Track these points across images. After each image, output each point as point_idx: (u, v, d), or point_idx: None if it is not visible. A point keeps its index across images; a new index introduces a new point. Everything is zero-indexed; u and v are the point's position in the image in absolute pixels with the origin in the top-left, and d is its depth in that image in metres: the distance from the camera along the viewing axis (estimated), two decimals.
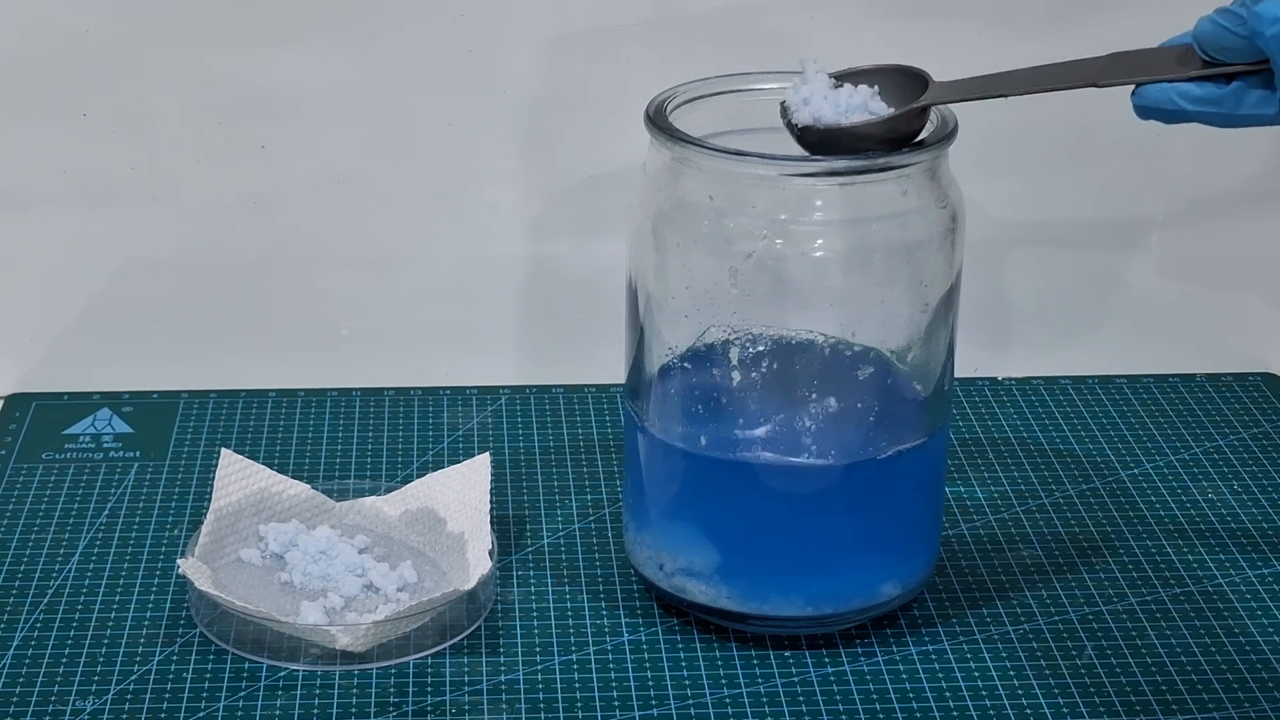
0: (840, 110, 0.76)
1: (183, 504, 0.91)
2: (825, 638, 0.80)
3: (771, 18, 0.98)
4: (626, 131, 0.83)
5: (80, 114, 0.97)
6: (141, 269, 1.01)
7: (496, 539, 0.83)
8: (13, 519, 0.89)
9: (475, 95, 0.98)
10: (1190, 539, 0.89)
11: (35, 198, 0.99)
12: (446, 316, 1.03)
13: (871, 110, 0.76)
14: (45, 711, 0.75)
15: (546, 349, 1.04)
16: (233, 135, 0.98)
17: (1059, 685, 0.78)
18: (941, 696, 0.77)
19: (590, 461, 0.95)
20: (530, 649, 0.79)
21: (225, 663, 0.78)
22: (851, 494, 0.78)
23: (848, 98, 0.76)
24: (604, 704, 0.76)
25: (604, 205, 0.99)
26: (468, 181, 1.00)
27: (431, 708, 0.76)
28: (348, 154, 0.99)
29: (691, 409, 0.79)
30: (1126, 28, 0.86)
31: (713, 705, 0.76)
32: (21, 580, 0.84)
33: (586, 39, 0.98)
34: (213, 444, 0.95)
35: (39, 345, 1.02)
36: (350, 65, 0.97)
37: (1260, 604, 0.83)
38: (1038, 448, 0.96)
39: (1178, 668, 0.79)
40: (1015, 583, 0.85)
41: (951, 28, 0.99)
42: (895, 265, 0.77)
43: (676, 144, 0.76)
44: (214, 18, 0.96)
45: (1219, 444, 0.97)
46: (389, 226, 1.01)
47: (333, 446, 0.96)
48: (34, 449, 0.95)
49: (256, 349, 1.03)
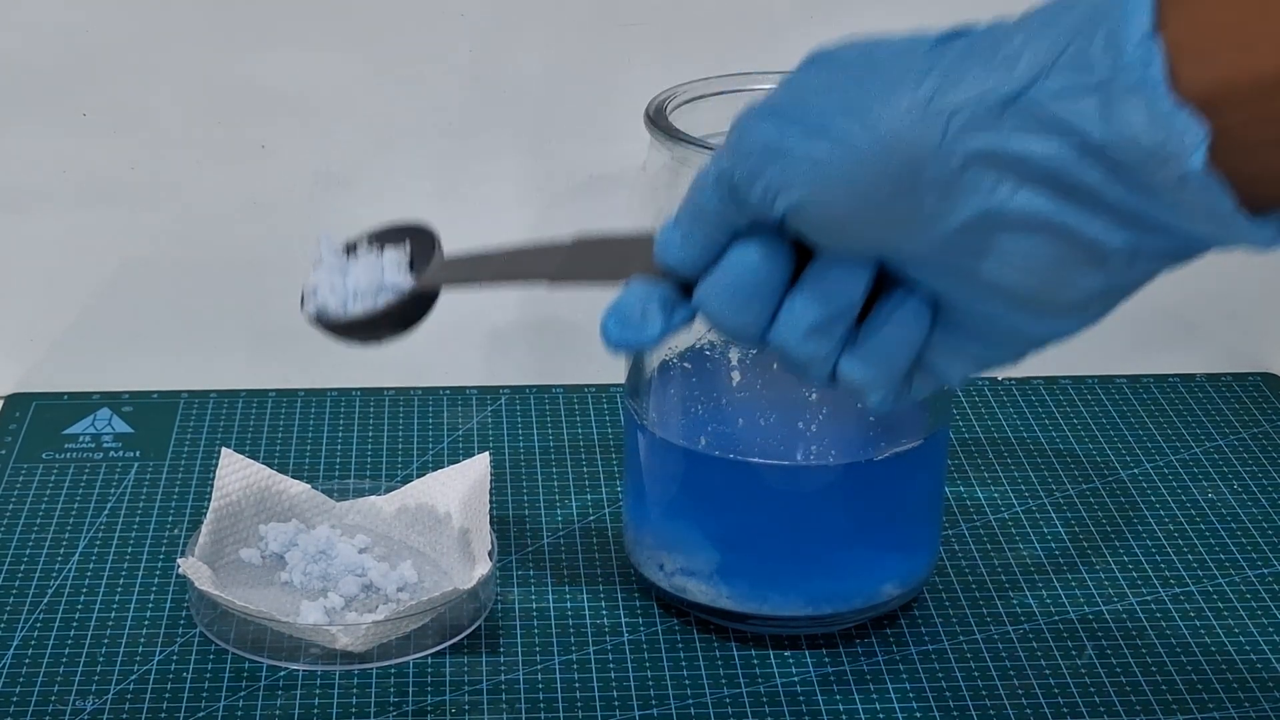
0: (343, 299, 0.71)
1: (183, 504, 0.91)
2: (825, 638, 0.80)
3: (771, 17, 0.98)
4: (626, 131, 0.83)
5: (80, 114, 0.97)
6: (141, 269, 1.01)
7: (496, 539, 0.83)
8: (13, 519, 0.89)
9: (475, 95, 0.98)
10: (1190, 539, 0.89)
11: (35, 198, 0.99)
12: (446, 316, 1.03)
13: (388, 284, 0.71)
14: (45, 711, 0.75)
15: (546, 349, 1.04)
16: (233, 135, 0.98)
17: (1059, 685, 0.78)
18: (941, 696, 0.77)
19: (590, 461, 0.95)
20: (530, 649, 0.79)
21: (225, 663, 0.78)
22: (852, 494, 0.78)
23: (355, 280, 0.71)
24: (604, 704, 0.76)
25: (604, 205, 0.99)
26: (468, 181, 1.00)
27: (431, 708, 0.76)
28: (348, 154, 0.99)
29: (692, 408, 0.79)
30: None
31: (713, 705, 0.76)
32: (21, 580, 0.84)
33: (586, 39, 0.98)
34: (213, 444, 0.95)
35: (39, 345, 1.02)
36: (350, 65, 0.97)
37: (1260, 604, 0.83)
38: (1038, 448, 0.96)
39: (1178, 668, 0.79)
40: (1015, 583, 0.85)
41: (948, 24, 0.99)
42: None
43: (676, 144, 0.76)
44: (214, 17, 0.96)
45: (1219, 444, 0.97)
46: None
47: (333, 446, 0.96)
48: (34, 449, 0.95)
49: (256, 349, 1.03)
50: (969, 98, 0.52)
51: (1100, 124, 0.50)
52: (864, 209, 0.55)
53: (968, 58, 0.53)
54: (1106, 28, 0.50)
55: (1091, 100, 0.50)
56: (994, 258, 0.54)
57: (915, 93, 0.53)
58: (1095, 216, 0.52)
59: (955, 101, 0.52)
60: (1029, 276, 0.54)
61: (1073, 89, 0.50)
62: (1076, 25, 0.51)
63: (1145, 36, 0.49)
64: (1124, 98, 0.50)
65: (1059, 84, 0.51)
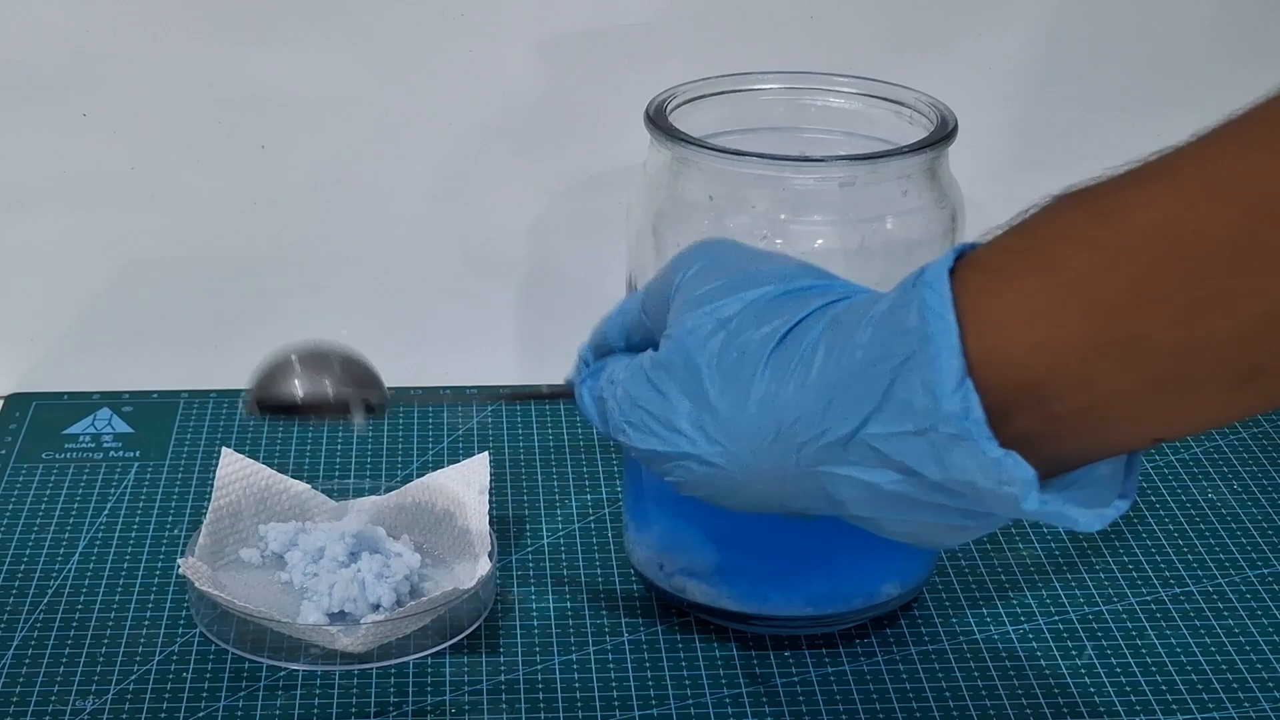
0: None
1: (183, 504, 0.91)
2: (825, 638, 0.80)
3: (772, 17, 0.98)
4: (626, 131, 0.83)
5: (80, 114, 0.97)
6: (141, 269, 1.01)
7: (496, 539, 0.83)
8: (13, 519, 0.89)
9: (475, 95, 0.98)
10: (1190, 539, 0.89)
11: (35, 198, 0.99)
12: (446, 316, 1.03)
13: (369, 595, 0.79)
14: (45, 711, 0.75)
15: (546, 349, 1.04)
16: (233, 135, 0.98)
17: (1059, 685, 0.78)
18: (941, 696, 0.77)
19: (590, 461, 0.95)
20: (530, 649, 0.80)
21: (225, 663, 0.78)
22: None
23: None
24: (604, 704, 0.76)
25: (604, 205, 0.99)
26: (468, 181, 1.00)
27: (431, 708, 0.76)
28: (348, 154, 0.99)
29: None
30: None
31: (713, 705, 0.76)
32: (21, 580, 0.84)
33: (586, 39, 0.98)
34: (213, 444, 0.95)
35: (39, 345, 1.02)
36: (350, 65, 0.97)
37: (1260, 604, 0.83)
38: None
39: (1178, 668, 0.79)
40: (1015, 583, 0.85)
41: (947, 24, 0.99)
42: (895, 265, 0.77)
43: (676, 144, 0.76)
44: (214, 17, 0.96)
45: (1219, 444, 0.97)
46: (389, 226, 1.01)
47: (333, 446, 0.96)
48: (34, 449, 0.95)
49: (256, 349, 1.02)
50: (809, 436, 0.57)
51: (934, 468, 0.54)
52: (738, 499, 0.62)
53: (803, 383, 0.58)
54: (921, 375, 0.53)
55: (920, 445, 0.54)
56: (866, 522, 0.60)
57: (763, 421, 0.59)
58: (947, 516, 0.57)
59: (799, 438, 0.58)
60: (896, 534, 0.60)
61: (901, 435, 0.55)
62: (896, 362, 0.54)
63: (957, 385, 0.52)
64: (950, 445, 0.53)
65: (888, 429, 0.55)
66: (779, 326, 0.60)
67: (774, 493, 0.61)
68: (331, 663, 0.78)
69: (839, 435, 0.56)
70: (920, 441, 0.54)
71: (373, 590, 0.80)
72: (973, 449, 0.53)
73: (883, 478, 0.56)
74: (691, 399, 0.62)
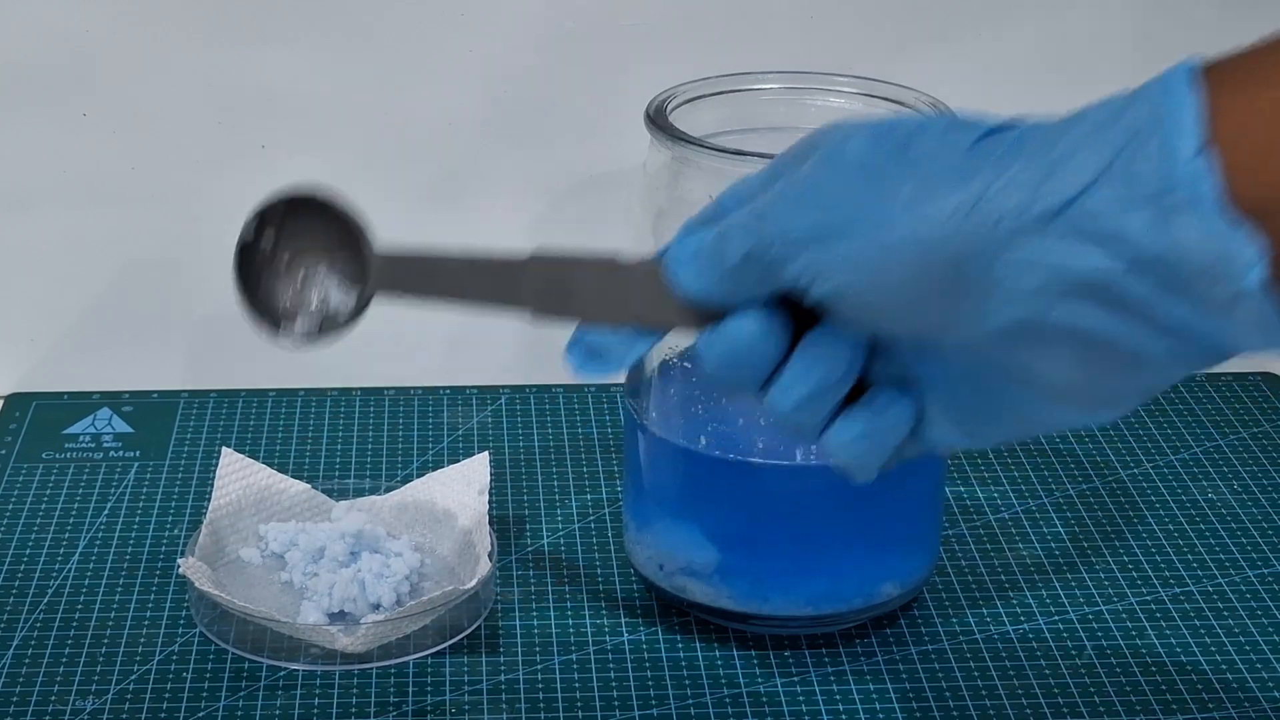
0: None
1: (183, 504, 0.91)
2: (825, 638, 0.80)
3: (772, 18, 0.98)
4: (626, 131, 0.83)
5: (80, 114, 0.97)
6: (141, 269, 1.01)
7: (496, 539, 0.83)
8: (13, 519, 0.89)
9: (475, 95, 0.98)
10: (1190, 539, 0.89)
11: (35, 198, 0.99)
12: (446, 316, 1.03)
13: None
14: (45, 711, 0.75)
15: (546, 349, 1.03)
16: (233, 135, 0.98)
17: (1059, 685, 0.78)
18: (941, 696, 0.77)
19: (590, 461, 0.95)
20: (530, 649, 0.79)
21: (225, 663, 0.78)
22: (851, 494, 0.78)
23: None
24: (604, 704, 0.76)
25: (604, 205, 0.99)
26: (468, 181, 1.00)
27: (431, 708, 0.76)
28: (348, 154, 0.99)
29: (692, 408, 0.79)
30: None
31: (713, 705, 0.76)
32: (21, 580, 0.84)
33: (586, 39, 0.98)
34: (213, 444, 0.95)
35: (39, 345, 1.02)
36: (350, 65, 0.97)
37: (1260, 604, 0.83)
38: (1038, 447, 0.96)
39: (1178, 668, 0.79)
40: (1015, 583, 0.85)
41: (947, 24, 0.99)
42: None
43: (676, 144, 0.76)
44: (214, 17, 0.96)
45: (1219, 444, 0.97)
46: (389, 226, 1.01)
47: (333, 446, 0.96)
48: (34, 449, 0.95)
49: (256, 349, 1.02)
50: (1015, 205, 0.51)
51: (1152, 238, 0.49)
52: (902, 304, 0.54)
53: (1012, 162, 0.52)
54: (1158, 140, 0.49)
55: (1143, 214, 0.49)
56: (1028, 358, 0.53)
57: (958, 196, 0.52)
58: (1139, 328, 0.51)
59: (1001, 208, 0.51)
60: (1062, 377, 0.54)
61: (1124, 201, 0.50)
62: (1126, 135, 0.50)
63: (1197, 151, 0.48)
64: (1177, 213, 0.49)
65: (1109, 195, 0.50)
66: (975, 129, 0.53)
67: (942, 291, 0.53)
68: (331, 663, 0.78)
69: (1050, 205, 0.50)
70: (1143, 212, 0.49)
71: (373, 590, 0.80)
72: (1200, 216, 0.48)
73: (1086, 259, 0.50)
74: (870, 183, 0.54)
